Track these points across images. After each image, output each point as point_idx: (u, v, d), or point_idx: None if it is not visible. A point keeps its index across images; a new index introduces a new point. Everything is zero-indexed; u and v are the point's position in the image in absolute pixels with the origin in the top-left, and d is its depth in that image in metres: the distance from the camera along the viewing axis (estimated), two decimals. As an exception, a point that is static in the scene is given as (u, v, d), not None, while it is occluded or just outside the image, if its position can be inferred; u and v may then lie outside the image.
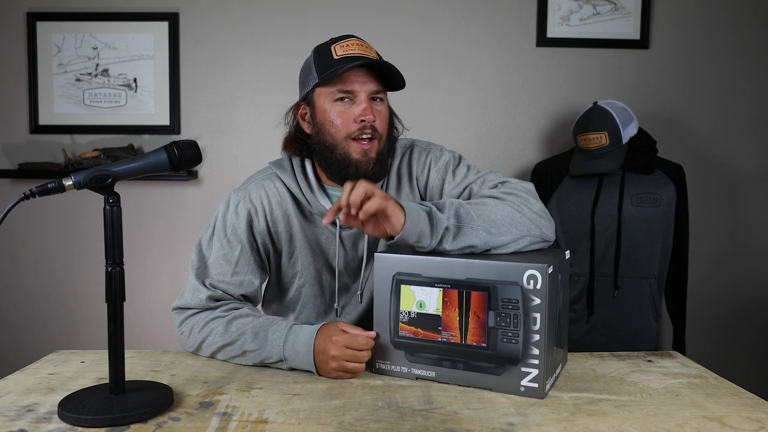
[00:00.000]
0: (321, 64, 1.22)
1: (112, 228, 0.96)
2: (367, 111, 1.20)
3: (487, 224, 1.11)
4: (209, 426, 0.92)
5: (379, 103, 1.25)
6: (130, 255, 1.51)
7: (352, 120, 1.21)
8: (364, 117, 1.20)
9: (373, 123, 1.21)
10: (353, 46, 1.22)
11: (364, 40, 1.25)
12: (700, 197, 2.47)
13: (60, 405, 0.96)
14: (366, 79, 1.21)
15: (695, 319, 2.45)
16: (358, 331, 1.13)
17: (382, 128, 1.24)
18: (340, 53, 1.21)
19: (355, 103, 1.22)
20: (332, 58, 1.21)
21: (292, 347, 1.14)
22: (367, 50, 1.23)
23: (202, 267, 1.28)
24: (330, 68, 1.19)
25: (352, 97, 1.21)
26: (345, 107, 1.22)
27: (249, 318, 1.20)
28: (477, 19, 2.48)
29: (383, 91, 1.25)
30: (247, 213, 1.29)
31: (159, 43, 2.46)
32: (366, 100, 1.21)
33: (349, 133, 1.21)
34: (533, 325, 1.01)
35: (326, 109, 1.23)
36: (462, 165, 1.32)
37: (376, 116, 1.22)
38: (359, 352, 1.11)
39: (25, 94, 2.47)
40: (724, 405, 1.01)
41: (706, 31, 2.48)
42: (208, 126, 2.50)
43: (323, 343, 1.12)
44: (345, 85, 1.20)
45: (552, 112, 2.51)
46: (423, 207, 1.10)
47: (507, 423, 0.93)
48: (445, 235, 1.09)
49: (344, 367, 1.11)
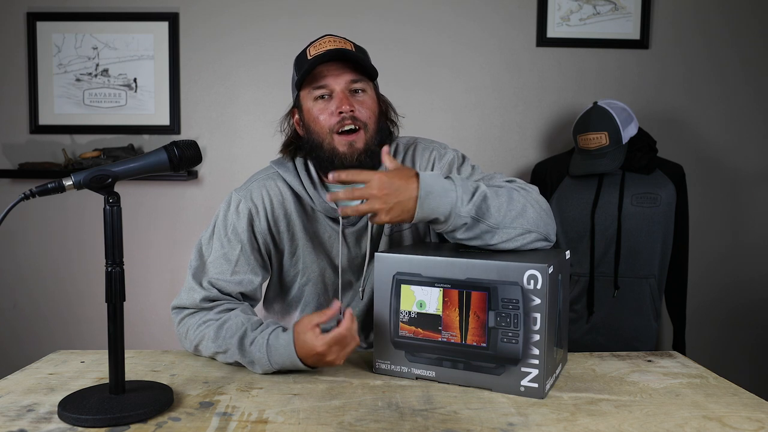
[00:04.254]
0: (298, 66, 1.26)
1: (112, 228, 0.95)
2: (342, 102, 1.21)
3: (503, 214, 1.11)
4: (209, 426, 0.92)
5: (361, 94, 1.25)
6: (130, 255, 1.51)
7: (331, 114, 1.22)
8: (340, 108, 1.21)
9: (353, 113, 1.21)
10: (326, 43, 1.23)
11: (340, 37, 1.26)
12: (700, 197, 2.47)
13: (60, 405, 0.96)
14: (339, 71, 1.22)
15: (695, 319, 2.45)
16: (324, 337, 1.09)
17: (366, 117, 1.24)
18: (313, 53, 1.22)
19: (333, 98, 1.23)
20: (306, 59, 1.23)
21: (278, 360, 1.11)
22: (341, 44, 1.24)
23: (200, 266, 1.28)
24: (304, 67, 1.22)
25: (330, 92, 1.23)
26: (325, 104, 1.23)
27: (236, 322, 1.18)
28: (477, 20, 2.48)
29: (363, 80, 1.25)
30: (248, 212, 1.29)
31: (159, 43, 2.46)
32: (342, 92, 1.22)
33: (331, 127, 1.22)
34: (533, 325, 1.01)
35: (310, 108, 1.25)
36: (466, 164, 1.32)
37: (357, 106, 1.22)
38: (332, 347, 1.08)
39: (25, 94, 2.47)
40: (724, 405, 1.01)
41: (705, 31, 2.48)
42: (208, 126, 2.50)
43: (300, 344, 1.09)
44: (319, 81, 1.22)
45: (552, 112, 2.51)
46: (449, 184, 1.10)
47: (507, 423, 0.93)
48: (460, 227, 1.10)
49: (325, 362, 1.09)
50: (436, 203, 1.07)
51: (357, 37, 1.39)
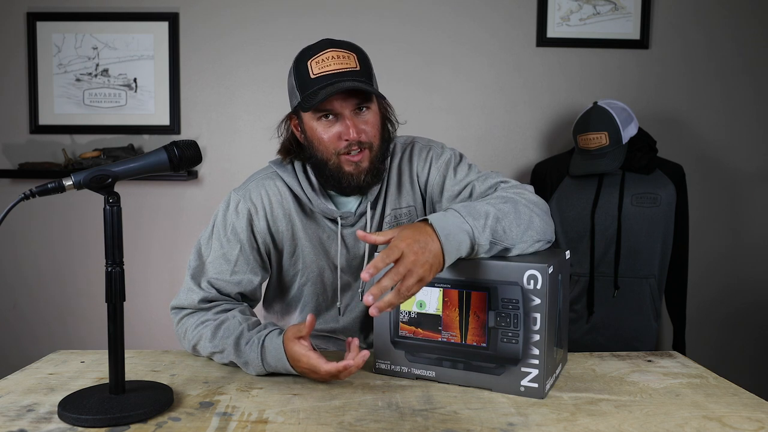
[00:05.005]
0: (300, 83, 1.20)
1: (112, 228, 0.96)
2: (347, 131, 1.18)
3: (515, 233, 1.08)
4: (209, 426, 0.92)
5: (366, 112, 1.21)
6: (130, 255, 1.51)
7: (338, 138, 1.20)
8: (347, 137, 1.19)
9: (359, 139, 1.19)
10: (329, 60, 1.18)
11: (341, 48, 1.20)
12: (700, 197, 2.47)
13: (60, 405, 0.96)
14: (346, 96, 1.18)
15: (695, 319, 2.45)
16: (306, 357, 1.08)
17: (372, 137, 1.22)
18: (316, 71, 1.17)
19: (338, 120, 1.20)
20: (310, 78, 1.18)
21: (272, 364, 1.11)
22: (344, 61, 1.18)
23: (199, 267, 1.28)
24: (308, 89, 1.18)
25: (335, 114, 1.20)
26: (330, 124, 1.20)
27: (233, 323, 1.18)
28: (477, 19, 2.48)
29: (367, 99, 1.21)
30: (247, 212, 1.29)
31: (159, 43, 2.46)
32: (349, 117, 1.19)
33: (336, 150, 1.21)
34: (533, 325, 1.01)
35: (313, 126, 1.22)
36: (463, 163, 1.32)
37: (363, 128, 1.20)
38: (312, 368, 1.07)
39: (25, 94, 2.47)
40: (724, 405, 1.01)
41: (706, 31, 2.48)
42: (208, 126, 2.50)
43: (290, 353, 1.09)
44: (324, 105, 1.18)
45: (552, 112, 2.51)
46: (464, 235, 1.02)
47: (507, 423, 0.93)
48: (479, 253, 1.05)
49: (312, 376, 1.08)
50: (457, 242, 1.01)
51: (356, 38, 1.38)
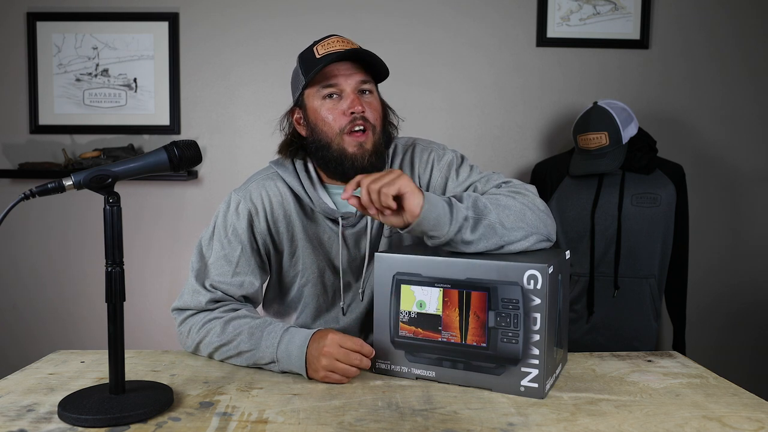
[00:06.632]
0: (305, 65, 1.24)
1: (112, 228, 0.95)
2: (354, 102, 1.21)
3: (502, 218, 1.11)
4: (209, 426, 0.92)
5: (369, 95, 1.25)
6: (130, 255, 1.51)
7: (342, 114, 1.22)
8: (352, 109, 1.21)
9: (363, 114, 1.22)
10: (334, 43, 1.23)
11: (345, 38, 1.26)
12: (700, 197, 2.47)
13: (60, 405, 0.96)
14: (350, 71, 1.22)
15: (695, 319, 2.45)
16: (355, 340, 1.11)
17: (374, 119, 1.25)
18: (321, 52, 1.22)
19: (342, 97, 1.23)
20: (315, 58, 1.22)
21: (285, 349, 1.12)
22: (349, 45, 1.24)
23: (202, 268, 1.28)
24: (314, 67, 1.21)
25: (339, 92, 1.23)
26: (334, 103, 1.23)
27: (247, 319, 1.20)
28: (477, 19, 2.48)
29: (370, 81, 1.26)
30: (247, 213, 1.29)
31: (159, 43, 2.46)
32: (353, 92, 1.22)
33: (341, 127, 1.22)
34: (533, 325, 1.01)
35: (317, 108, 1.24)
36: (465, 164, 1.32)
37: (366, 107, 1.23)
38: (350, 353, 1.09)
39: (25, 94, 2.47)
40: (724, 405, 1.01)
41: (706, 31, 2.48)
42: (208, 126, 2.50)
43: (317, 341, 1.10)
44: (329, 80, 1.22)
45: (552, 112, 2.51)
46: (442, 196, 1.10)
47: (507, 423, 0.93)
48: (464, 225, 1.08)
49: (333, 367, 1.08)
50: (435, 200, 1.07)
51: (356, 36, 1.39)
